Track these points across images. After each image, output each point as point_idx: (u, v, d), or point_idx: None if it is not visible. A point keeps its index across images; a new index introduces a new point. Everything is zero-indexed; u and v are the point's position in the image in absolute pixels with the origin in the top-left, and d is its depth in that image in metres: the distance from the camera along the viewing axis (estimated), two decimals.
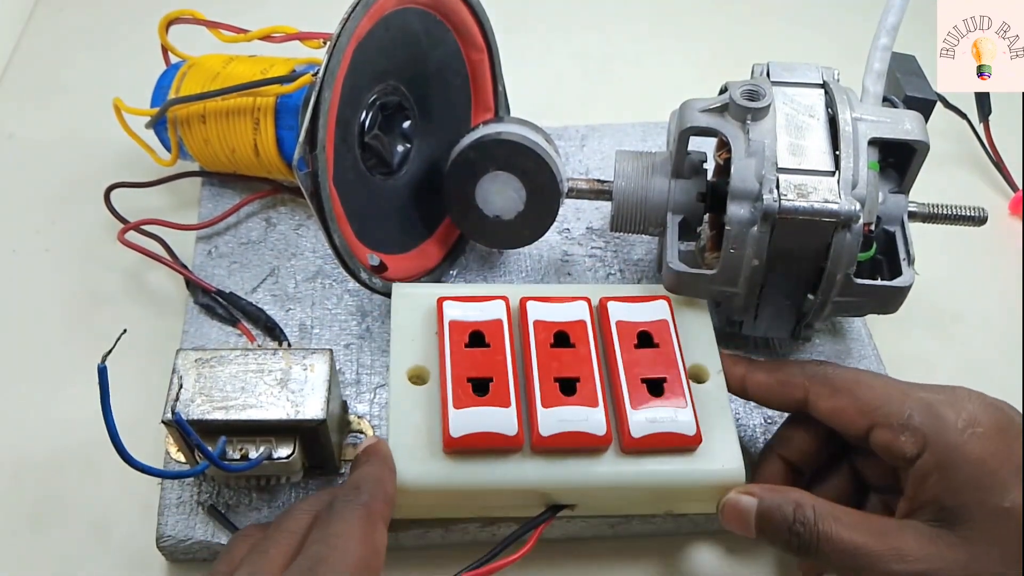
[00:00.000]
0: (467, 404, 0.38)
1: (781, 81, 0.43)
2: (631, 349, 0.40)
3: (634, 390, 0.39)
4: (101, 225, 0.53)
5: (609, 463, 0.38)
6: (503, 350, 0.40)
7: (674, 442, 0.38)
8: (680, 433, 0.38)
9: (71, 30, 0.68)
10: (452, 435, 0.37)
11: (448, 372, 0.39)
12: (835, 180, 0.40)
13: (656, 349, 0.40)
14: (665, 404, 0.38)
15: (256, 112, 0.49)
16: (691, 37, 0.71)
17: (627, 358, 0.40)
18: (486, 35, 0.50)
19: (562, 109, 0.62)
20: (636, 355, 0.40)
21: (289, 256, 0.51)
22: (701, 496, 0.39)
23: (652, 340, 0.41)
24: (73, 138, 0.60)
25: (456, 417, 0.38)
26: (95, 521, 0.43)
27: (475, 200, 0.47)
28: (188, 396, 0.38)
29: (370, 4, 0.41)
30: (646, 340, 0.41)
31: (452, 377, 0.39)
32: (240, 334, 0.47)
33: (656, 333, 0.41)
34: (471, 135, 0.46)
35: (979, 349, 0.51)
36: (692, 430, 0.38)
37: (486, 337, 0.40)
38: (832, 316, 0.47)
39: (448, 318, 0.41)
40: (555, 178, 0.45)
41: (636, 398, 0.38)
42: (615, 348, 0.40)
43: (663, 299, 0.42)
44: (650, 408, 0.38)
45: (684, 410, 0.38)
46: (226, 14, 0.50)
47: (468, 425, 0.37)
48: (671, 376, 0.39)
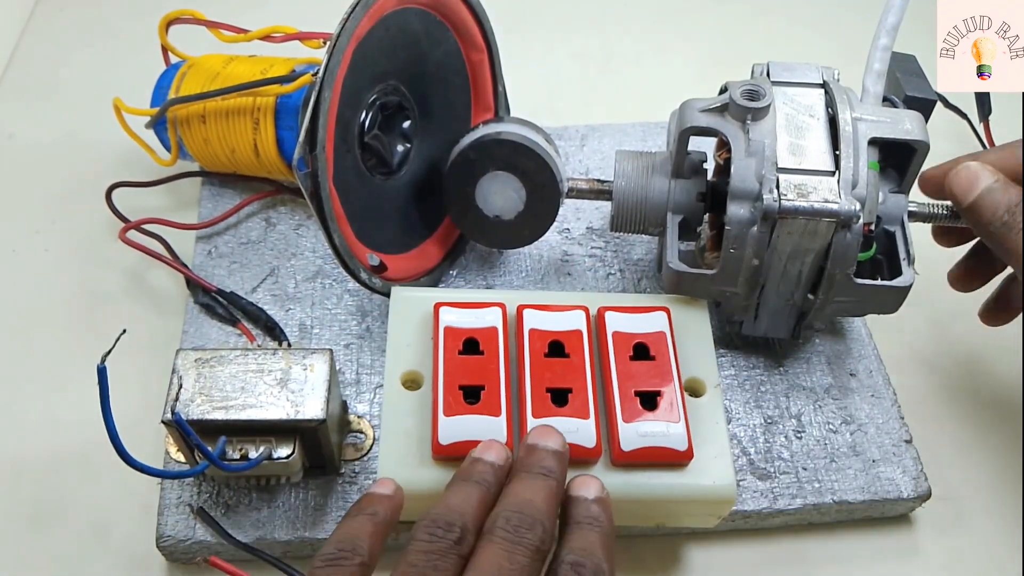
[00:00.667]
0: (457, 412, 0.38)
1: (781, 81, 0.43)
2: (626, 361, 0.40)
3: (626, 403, 0.38)
4: (101, 225, 0.53)
5: (598, 475, 0.37)
6: (497, 358, 0.40)
7: (665, 457, 0.37)
8: (671, 448, 0.37)
9: (71, 30, 0.68)
10: (441, 442, 0.37)
11: (440, 378, 0.39)
12: (835, 180, 0.40)
13: (652, 362, 0.40)
14: (657, 418, 0.38)
15: (256, 112, 0.49)
16: (691, 37, 0.71)
17: (621, 370, 0.40)
18: (486, 35, 0.50)
19: (562, 109, 0.62)
20: (631, 367, 0.40)
21: (289, 256, 0.51)
22: (692, 511, 0.39)
23: (648, 352, 0.40)
24: (73, 138, 0.60)
25: (446, 424, 0.37)
26: (95, 521, 0.43)
27: (475, 200, 0.47)
28: (188, 396, 0.38)
29: (370, 4, 0.41)
30: (642, 352, 0.40)
31: (444, 384, 0.39)
32: (240, 334, 0.47)
33: (653, 345, 0.41)
34: (471, 135, 0.46)
35: (979, 349, 0.51)
36: (684, 445, 0.37)
37: (480, 344, 0.40)
38: (832, 316, 0.47)
39: (443, 324, 0.41)
40: (555, 178, 0.45)
41: (628, 411, 0.38)
42: (610, 359, 0.40)
43: (662, 310, 0.42)
44: (642, 422, 0.38)
45: (676, 425, 0.38)
46: (226, 14, 0.50)
47: (457, 433, 0.37)
48: (665, 390, 0.39)
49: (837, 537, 0.43)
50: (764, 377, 0.47)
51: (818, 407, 0.45)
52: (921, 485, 0.43)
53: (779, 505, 0.42)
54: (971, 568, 0.43)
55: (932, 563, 0.43)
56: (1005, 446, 0.47)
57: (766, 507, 0.42)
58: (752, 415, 0.45)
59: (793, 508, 0.42)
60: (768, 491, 0.42)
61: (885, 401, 0.46)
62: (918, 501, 0.43)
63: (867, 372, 0.47)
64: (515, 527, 0.32)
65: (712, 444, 0.39)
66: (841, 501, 0.42)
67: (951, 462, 0.46)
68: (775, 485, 0.43)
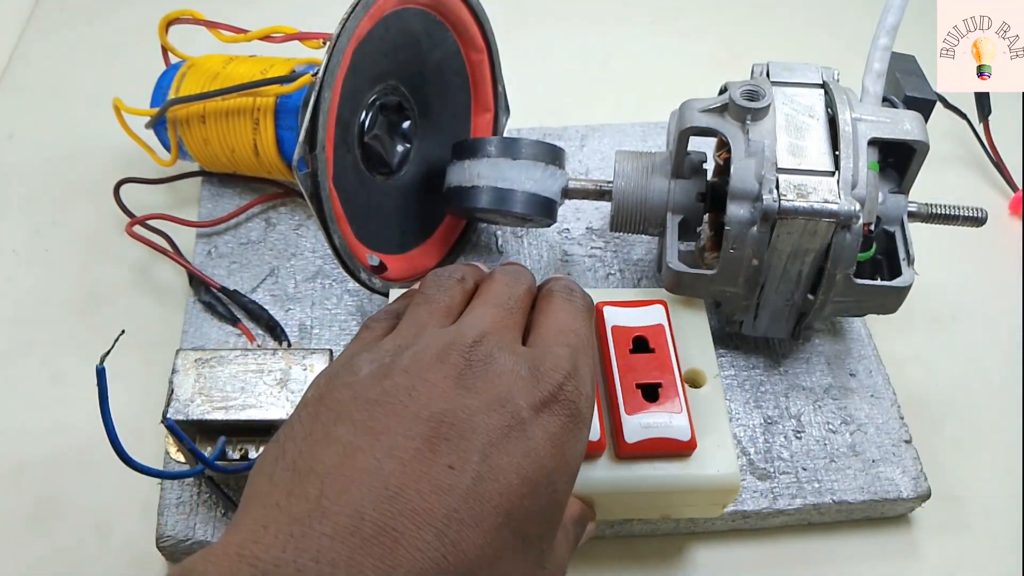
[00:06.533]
0: None
1: (781, 81, 0.43)
2: (626, 354, 0.40)
3: (629, 395, 0.39)
4: (101, 225, 0.53)
5: (604, 468, 0.38)
6: None
7: (669, 447, 0.37)
8: (674, 439, 0.37)
9: (71, 30, 0.68)
10: None
11: None
12: (835, 180, 0.40)
13: (651, 354, 0.40)
14: (660, 409, 0.38)
15: (256, 112, 0.49)
16: (691, 37, 0.71)
17: (622, 363, 0.40)
18: (486, 35, 0.50)
19: (562, 109, 0.62)
20: (631, 360, 0.40)
21: (289, 256, 0.51)
22: (696, 501, 0.39)
23: (648, 345, 0.40)
24: (73, 138, 0.60)
25: None
26: (95, 521, 0.43)
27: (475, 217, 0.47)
28: (188, 396, 0.38)
29: (370, 4, 0.41)
30: (641, 345, 0.40)
31: None
32: (240, 334, 0.47)
33: (652, 338, 0.41)
34: (454, 172, 0.46)
35: (979, 349, 0.51)
36: (687, 435, 0.38)
37: None
38: (832, 316, 0.47)
39: None
40: (549, 212, 0.46)
41: (631, 403, 0.38)
42: (610, 353, 0.40)
43: (659, 303, 0.42)
44: (645, 413, 0.38)
45: (679, 415, 0.38)
46: (226, 14, 0.50)
47: None
48: (666, 381, 0.39)
49: (837, 537, 0.43)
50: (764, 377, 0.47)
51: (818, 407, 0.45)
52: (921, 485, 0.43)
53: (779, 505, 0.42)
54: (971, 568, 0.43)
55: (931, 563, 0.43)
56: (1005, 446, 0.47)
57: (766, 507, 0.42)
58: (752, 415, 0.45)
59: (793, 508, 0.42)
60: (768, 491, 0.42)
61: (885, 401, 0.46)
62: (918, 501, 0.43)
63: (867, 372, 0.47)
64: (511, 273, 0.36)
65: (714, 434, 0.39)
66: (841, 501, 0.42)
67: (951, 462, 0.46)
68: (775, 485, 0.43)
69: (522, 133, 0.57)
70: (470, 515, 0.26)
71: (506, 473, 0.27)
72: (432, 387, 0.28)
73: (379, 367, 0.30)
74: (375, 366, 0.30)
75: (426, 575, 0.24)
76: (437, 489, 0.26)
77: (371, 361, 0.30)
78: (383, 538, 0.24)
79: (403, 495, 0.25)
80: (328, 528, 0.24)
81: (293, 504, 0.25)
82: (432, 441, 0.27)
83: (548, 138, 0.57)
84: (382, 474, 0.26)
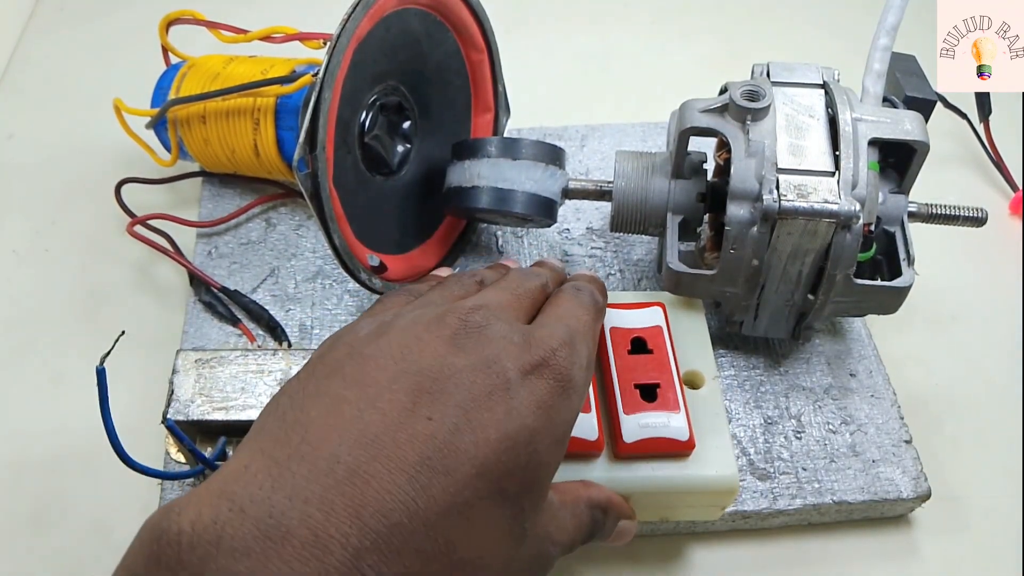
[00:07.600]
0: None
1: (781, 81, 0.43)
2: (624, 355, 0.40)
3: (627, 395, 0.39)
4: (101, 225, 0.54)
5: (602, 469, 0.38)
6: None
7: (667, 447, 0.38)
8: (673, 439, 0.37)
9: (71, 30, 0.68)
10: None
11: None
12: (835, 180, 0.40)
13: (649, 355, 0.40)
14: (658, 409, 0.38)
15: (256, 113, 0.49)
16: (691, 37, 0.71)
17: (620, 364, 0.40)
18: (486, 35, 0.50)
19: (562, 109, 0.62)
20: (630, 361, 0.40)
21: (289, 256, 0.51)
22: (695, 502, 0.39)
23: (646, 346, 0.40)
24: (73, 138, 0.60)
25: None
26: (95, 521, 0.43)
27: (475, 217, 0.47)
28: (188, 397, 0.38)
29: (370, 4, 0.41)
30: (640, 346, 0.41)
31: None
32: (240, 334, 0.47)
33: (650, 339, 0.41)
34: (455, 173, 0.46)
35: (979, 349, 0.51)
36: (685, 435, 0.38)
37: None
38: (832, 316, 0.47)
39: None
40: (549, 212, 0.46)
41: (629, 403, 0.38)
42: (608, 354, 0.40)
43: (658, 305, 0.42)
44: (643, 413, 0.38)
45: (677, 415, 0.38)
46: (226, 14, 0.50)
47: None
48: (664, 381, 0.39)
49: (837, 537, 0.43)
50: (764, 377, 0.47)
51: (818, 407, 0.45)
52: (921, 485, 0.43)
53: (779, 505, 0.42)
54: (971, 569, 0.43)
55: (931, 563, 0.43)
56: (1005, 446, 0.47)
57: (766, 507, 0.42)
58: (752, 415, 0.45)
59: (793, 508, 0.42)
60: (768, 491, 0.42)
61: (885, 401, 0.46)
62: (918, 501, 0.43)
63: (867, 372, 0.47)
64: (531, 270, 0.37)
65: (713, 435, 0.39)
66: (841, 501, 0.42)
67: (951, 462, 0.46)
68: (775, 485, 0.43)
69: (522, 133, 0.57)
70: (443, 464, 0.27)
71: (484, 428, 0.28)
72: (424, 345, 0.30)
73: (378, 325, 0.31)
74: (375, 325, 0.32)
75: (394, 514, 0.25)
76: (413, 438, 0.27)
77: (372, 322, 0.32)
78: (355, 479, 0.26)
79: (379, 442, 0.27)
80: (304, 470, 0.26)
81: (276, 449, 0.27)
82: (415, 394, 0.28)
83: (548, 138, 0.57)
84: (362, 422, 0.27)
